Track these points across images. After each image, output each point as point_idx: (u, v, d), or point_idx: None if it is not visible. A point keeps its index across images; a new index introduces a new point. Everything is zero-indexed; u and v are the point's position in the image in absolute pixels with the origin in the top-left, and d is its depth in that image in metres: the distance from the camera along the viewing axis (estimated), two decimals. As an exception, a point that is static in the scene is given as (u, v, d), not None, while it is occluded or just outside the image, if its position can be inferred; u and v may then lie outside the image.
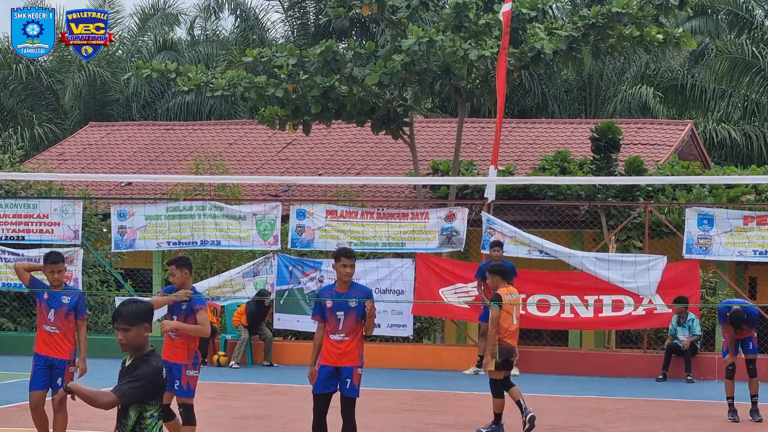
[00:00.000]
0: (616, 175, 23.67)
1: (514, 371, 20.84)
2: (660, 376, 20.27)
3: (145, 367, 6.83)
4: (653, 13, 23.39)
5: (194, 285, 12.18)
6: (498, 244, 20.36)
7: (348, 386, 11.36)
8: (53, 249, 13.87)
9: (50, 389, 12.12)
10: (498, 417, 14.01)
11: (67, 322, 12.05)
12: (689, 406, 16.98)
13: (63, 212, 22.64)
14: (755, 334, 15.92)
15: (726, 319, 15.38)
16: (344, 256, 11.49)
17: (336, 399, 11.48)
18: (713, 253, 20.64)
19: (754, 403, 15.61)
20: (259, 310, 21.99)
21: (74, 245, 22.59)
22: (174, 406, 11.95)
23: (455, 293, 21.24)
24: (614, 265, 20.47)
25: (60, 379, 12.02)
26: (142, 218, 22.47)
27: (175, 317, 11.81)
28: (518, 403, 13.93)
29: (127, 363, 6.93)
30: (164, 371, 6.91)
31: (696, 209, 20.90)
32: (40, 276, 12.38)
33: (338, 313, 11.39)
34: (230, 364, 21.53)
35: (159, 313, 21.72)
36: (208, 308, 21.92)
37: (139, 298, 8.17)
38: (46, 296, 12.00)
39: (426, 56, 23.08)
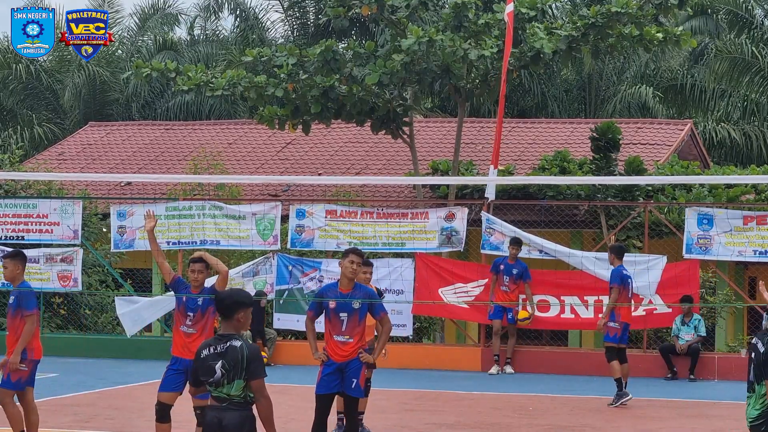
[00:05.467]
0: (615, 175, 23.67)
1: (508, 369, 20.95)
2: (669, 375, 20.29)
3: None
4: (653, 12, 23.39)
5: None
6: (517, 243, 20.73)
7: (354, 386, 11.29)
8: (13, 248, 13.82)
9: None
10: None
11: (17, 321, 11.74)
12: (689, 406, 16.98)
13: (62, 212, 22.65)
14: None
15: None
16: (353, 253, 11.46)
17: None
18: (713, 253, 20.64)
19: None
20: (255, 311, 21.86)
21: (74, 245, 22.60)
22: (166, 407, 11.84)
23: (455, 293, 21.25)
24: (614, 264, 20.43)
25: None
26: (142, 218, 22.41)
27: (191, 314, 11.69)
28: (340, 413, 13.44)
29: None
30: None
31: (696, 209, 20.91)
32: None
33: (341, 315, 11.28)
34: None
35: (157, 313, 21.82)
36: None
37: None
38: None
39: (426, 56, 23.08)
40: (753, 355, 8.24)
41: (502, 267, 20.79)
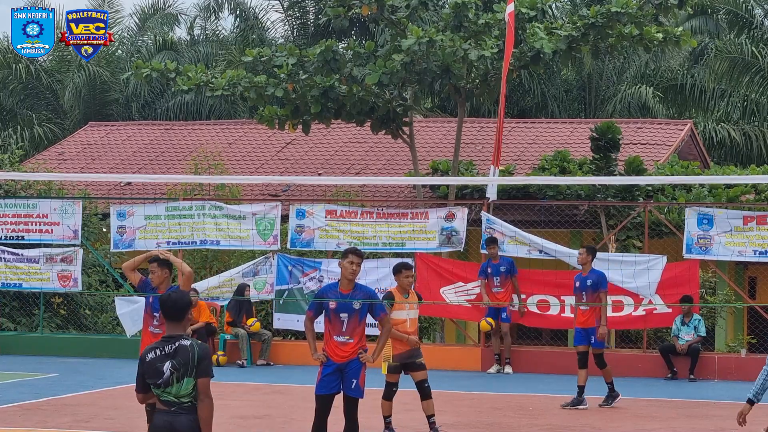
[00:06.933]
0: (615, 175, 23.67)
1: (507, 369, 20.94)
2: (669, 375, 20.29)
3: None
4: (652, 12, 23.40)
5: (193, 285, 12.11)
6: (493, 241, 20.65)
7: (353, 386, 11.28)
8: None
9: None
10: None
11: None
12: (689, 406, 16.98)
13: (62, 212, 22.65)
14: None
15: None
16: (352, 253, 11.47)
17: (338, 399, 11.46)
18: (713, 252, 20.64)
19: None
20: (238, 305, 21.83)
21: (74, 245, 22.60)
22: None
23: (455, 293, 21.26)
24: (614, 265, 20.45)
25: None
26: (142, 218, 22.48)
27: (156, 314, 11.66)
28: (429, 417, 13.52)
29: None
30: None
31: (696, 209, 20.91)
32: None
33: (342, 315, 11.28)
34: (240, 362, 21.50)
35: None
36: (207, 308, 22.09)
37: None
38: None
39: (426, 56, 23.08)
40: None
41: (489, 270, 20.82)
